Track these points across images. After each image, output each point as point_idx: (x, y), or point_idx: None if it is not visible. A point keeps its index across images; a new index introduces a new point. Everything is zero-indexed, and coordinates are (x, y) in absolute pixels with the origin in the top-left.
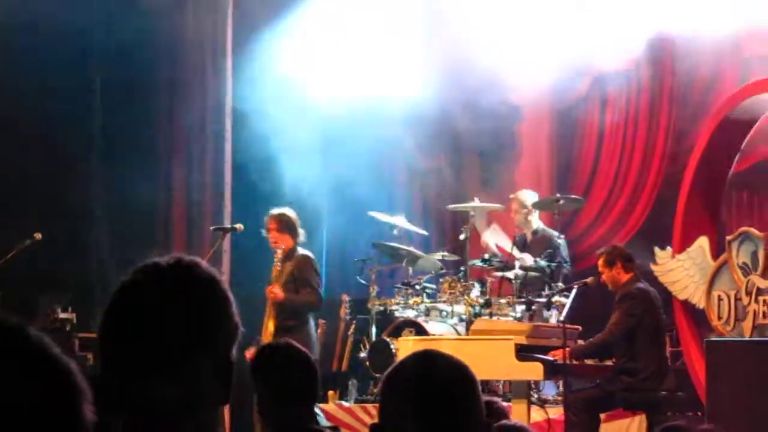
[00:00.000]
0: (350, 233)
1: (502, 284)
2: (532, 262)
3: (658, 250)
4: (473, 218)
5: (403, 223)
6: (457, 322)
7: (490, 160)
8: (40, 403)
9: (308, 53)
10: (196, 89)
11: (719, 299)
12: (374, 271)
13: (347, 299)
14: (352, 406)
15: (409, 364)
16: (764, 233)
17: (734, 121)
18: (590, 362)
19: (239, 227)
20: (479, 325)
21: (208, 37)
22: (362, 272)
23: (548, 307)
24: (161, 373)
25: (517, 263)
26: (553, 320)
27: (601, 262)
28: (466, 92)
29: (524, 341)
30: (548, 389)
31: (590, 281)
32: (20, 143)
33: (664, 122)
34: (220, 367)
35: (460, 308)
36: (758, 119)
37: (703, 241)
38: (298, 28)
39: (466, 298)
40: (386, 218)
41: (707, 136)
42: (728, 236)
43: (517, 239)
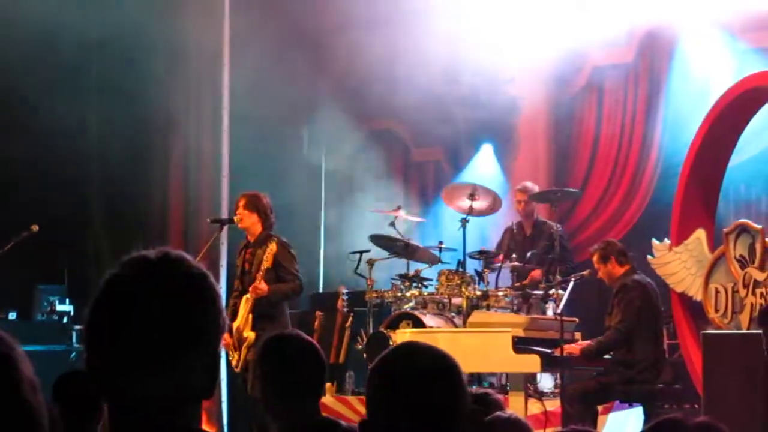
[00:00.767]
0: (347, 225)
1: (499, 276)
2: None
3: (655, 242)
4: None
5: (400, 215)
6: (454, 314)
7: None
8: None
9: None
10: (193, 80)
11: (716, 292)
12: (371, 263)
13: (344, 291)
14: (349, 398)
15: (389, 357)
16: (761, 226)
17: (731, 113)
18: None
19: (236, 219)
20: (476, 317)
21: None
22: (359, 264)
23: (545, 299)
24: (148, 368)
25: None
26: (550, 312)
27: (595, 258)
28: (462, 85)
29: (521, 333)
30: (545, 382)
31: (587, 273)
32: (15, 135)
33: (661, 115)
34: (207, 362)
35: (457, 300)
36: (755, 112)
37: (700, 233)
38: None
39: (463, 290)
40: (383, 211)
41: (704, 128)
42: (725, 229)
43: (515, 230)
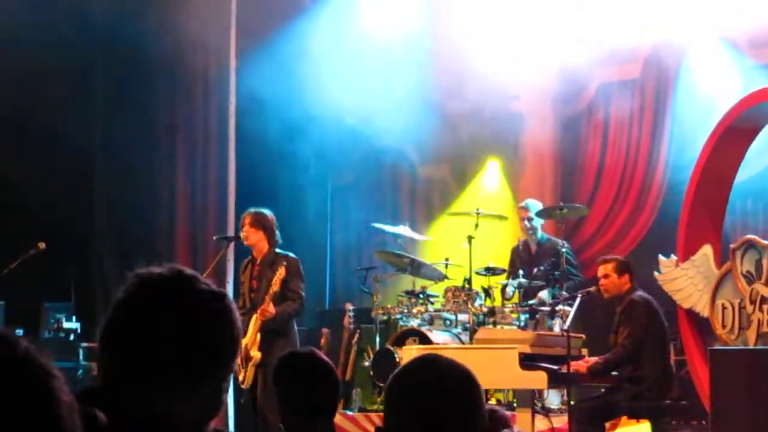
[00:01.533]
0: (354, 242)
1: (505, 293)
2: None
3: (662, 258)
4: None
5: (406, 232)
6: (460, 330)
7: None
8: (22, 415)
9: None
10: (199, 96)
11: (723, 308)
12: (378, 279)
13: (351, 308)
14: (356, 415)
15: (413, 369)
16: None
17: (738, 129)
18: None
19: (243, 236)
20: (483, 333)
21: (212, 41)
22: (366, 281)
23: (552, 315)
24: (164, 386)
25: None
26: (556, 329)
27: (611, 267)
28: (469, 101)
29: (528, 350)
30: (552, 398)
31: (593, 290)
32: (22, 152)
33: (667, 131)
34: (219, 381)
35: (463, 317)
36: (761, 128)
37: (707, 249)
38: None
39: (469, 306)
40: (390, 228)
41: (711, 144)
42: (732, 244)
43: (521, 248)
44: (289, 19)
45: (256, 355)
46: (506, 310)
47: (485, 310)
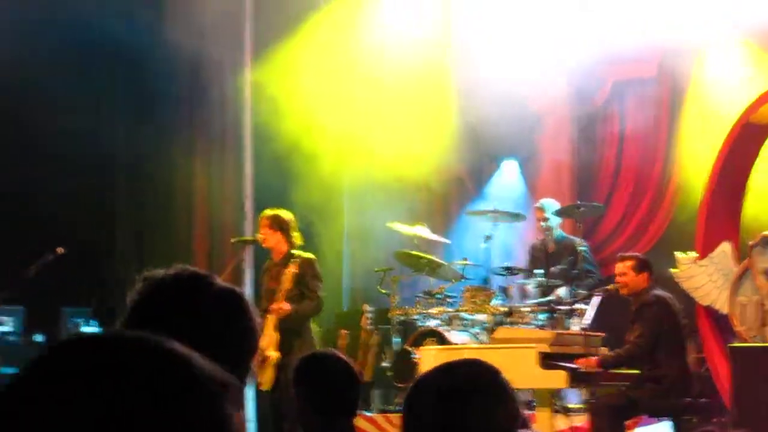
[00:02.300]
0: (371, 243)
1: (524, 292)
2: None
3: (680, 255)
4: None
5: (424, 232)
6: (479, 330)
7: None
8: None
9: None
10: (215, 101)
11: (742, 305)
12: (395, 280)
13: (369, 309)
14: (375, 416)
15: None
16: None
17: (756, 125)
18: (614, 370)
19: (260, 239)
20: (501, 333)
21: (227, 47)
22: (383, 282)
23: (570, 314)
24: None
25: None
26: (575, 328)
27: (629, 264)
28: (485, 103)
29: (547, 349)
30: (572, 397)
31: (612, 288)
32: (40, 157)
33: (684, 128)
34: (240, 380)
35: (482, 317)
36: None
37: (725, 246)
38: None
39: (488, 306)
40: (407, 229)
41: (729, 140)
42: (750, 241)
43: (537, 247)
44: (304, 21)
45: (272, 354)
46: (524, 309)
47: (503, 309)
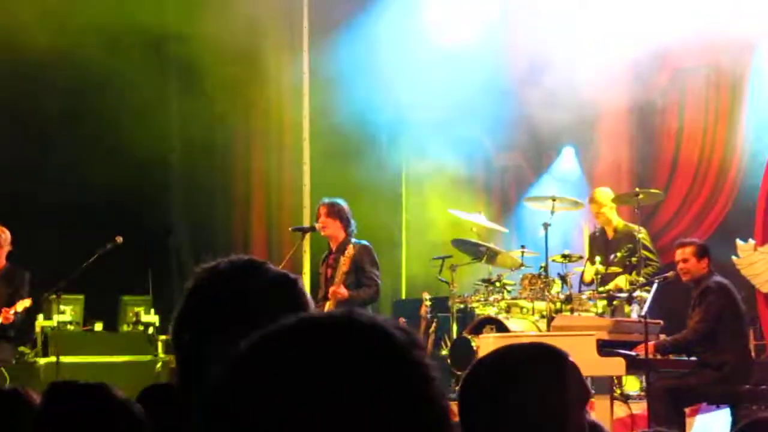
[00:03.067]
0: (429, 231)
1: (582, 280)
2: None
3: (740, 242)
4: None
5: (482, 220)
6: (537, 318)
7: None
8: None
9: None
10: (273, 90)
11: None
12: (454, 268)
13: (428, 297)
14: None
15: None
16: None
17: None
18: (673, 356)
19: (319, 227)
20: (560, 321)
21: (285, 33)
22: (442, 270)
23: (630, 302)
24: None
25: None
26: (634, 315)
27: (690, 250)
28: (543, 89)
29: (606, 336)
30: (631, 384)
31: (671, 275)
32: (99, 147)
33: (744, 115)
34: None
35: (540, 305)
36: None
37: None
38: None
39: (546, 294)
40: (466, 216)
41: None
42: None
43: (597, 235)
44: (361, 7)
45: None
46: (583, 297)
47: (562, 297)
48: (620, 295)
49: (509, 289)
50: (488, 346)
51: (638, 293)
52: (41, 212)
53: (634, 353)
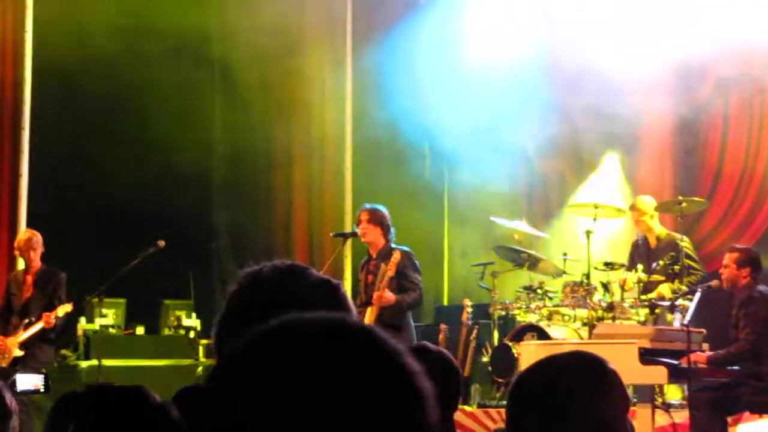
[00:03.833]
0: (471, 238)
1: (624, 288)
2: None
3: None
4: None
5: (524, 227)
6: (579, 326)
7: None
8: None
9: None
10: (316, 94)
11: None
12: (496, 275)
13: (469, 304)
14: (475, 410)
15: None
16: None
17: None
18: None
19: (360, 233)
20: (602, 329)
21: (327, 39)
22: (483, 277)
23: (672, 310)
24: None
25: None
26: (676, 324)
27: (734, 257)
28: (586, 96)
29: (648, 345)
30: (673, 393)
31: (714, 284)
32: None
33: None
34: None
35: (582, 312)
36: None
37: None
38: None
39: (588, 301)
40: (508, 223)
41: None
42: None
43: (640, 243)
44: (403, 16)
45: None
46: (625, 305)
47: (604, 305)
48: (662, 303)
49: (551, 296)
50: (529, 353)
51: (681, 302)
52: (83, 216)
53: (675, 362)
